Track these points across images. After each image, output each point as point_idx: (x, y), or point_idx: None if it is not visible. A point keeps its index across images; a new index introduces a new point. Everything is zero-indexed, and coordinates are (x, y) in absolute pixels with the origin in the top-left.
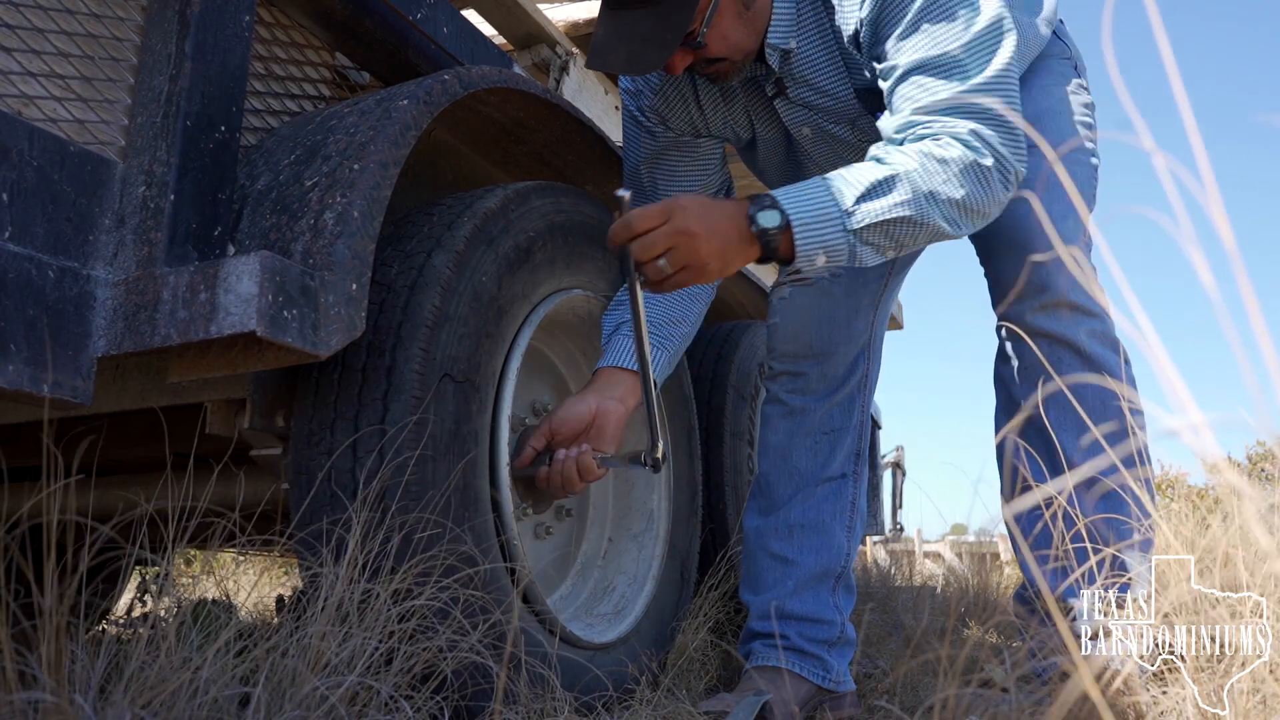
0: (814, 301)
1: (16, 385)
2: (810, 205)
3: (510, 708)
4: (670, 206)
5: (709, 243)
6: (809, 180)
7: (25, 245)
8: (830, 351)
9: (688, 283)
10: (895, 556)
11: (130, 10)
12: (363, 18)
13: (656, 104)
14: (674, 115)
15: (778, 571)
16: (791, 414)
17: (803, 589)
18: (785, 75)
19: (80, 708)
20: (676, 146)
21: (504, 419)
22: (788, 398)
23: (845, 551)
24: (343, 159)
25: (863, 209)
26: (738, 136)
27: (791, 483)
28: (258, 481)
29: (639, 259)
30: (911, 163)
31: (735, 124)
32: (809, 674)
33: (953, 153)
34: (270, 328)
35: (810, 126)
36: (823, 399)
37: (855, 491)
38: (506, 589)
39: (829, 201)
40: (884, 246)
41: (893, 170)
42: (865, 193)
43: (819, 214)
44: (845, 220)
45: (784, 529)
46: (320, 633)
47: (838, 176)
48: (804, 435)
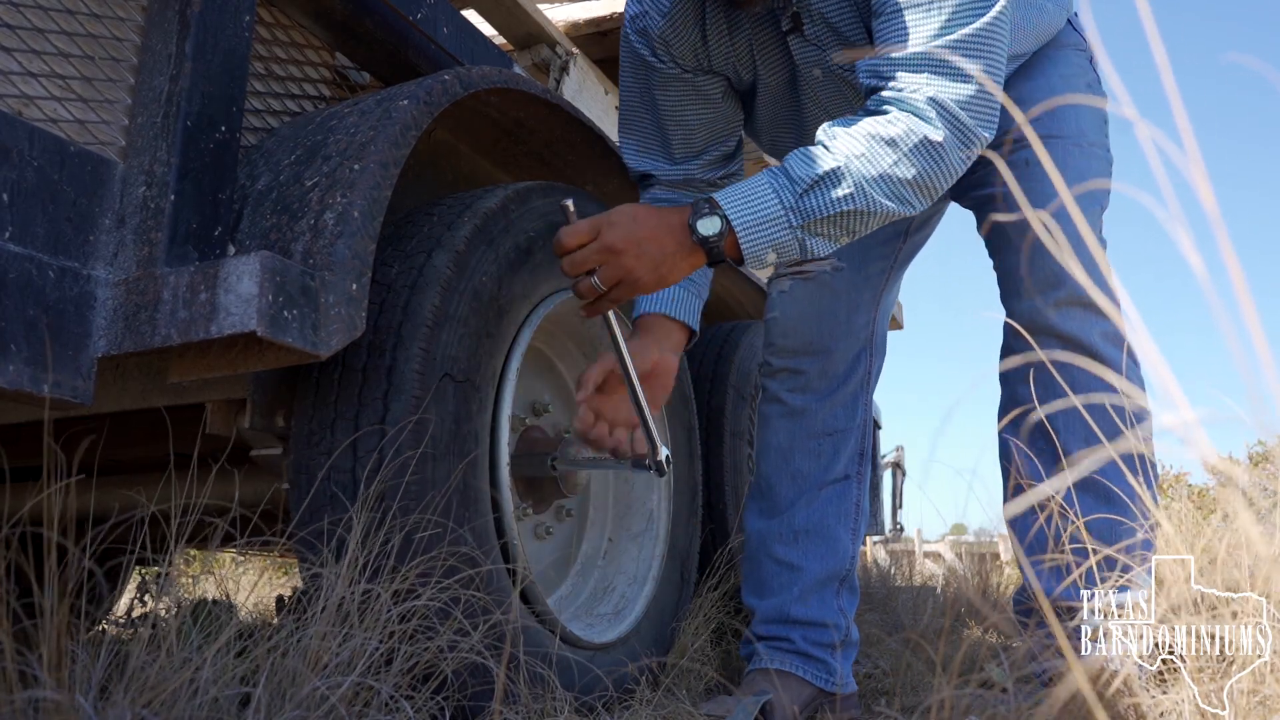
0: (814, 295)
1: (17, 385)
2: (752, 207)
3: (510, 708)
4: (599, 222)
5: (640, 258)
6: (751, 179)
7: (25, 245)
8: (830, 348)
9: (624, 298)
10: (895, 556)
11: (130, 10)
12: (363, 18)
13: (663, 28)
14: (679, 42)
15: (783, 577)
16: (792, 414)
17: (808, 594)
18: (803, 10)
19: (81, 707)
20: (679, 81)
21: (504, 419)
22: (788, 397)
23: (850, 554)
24: (343, 159)
25: (807, 205)
26: (739, 76)
27: (794, 486)
28: (257, 481)
29: (567, 274)
30: (858, 147)
31: (738, 61)
32: (812, 677)
33: (899, 129)
34: (270, 328)
35: (822, 68)
36: (824, 398)
37: (859, 492)
38: (507, 589)
39: (771, 202)
40: (836, 236)
41: (836, 162)
42: (809, 188)
43: (762, 215)
44: (789, 218)
45: (788, 534)
46: (321, 633)
47: (781, 172)
48: (806, 437)
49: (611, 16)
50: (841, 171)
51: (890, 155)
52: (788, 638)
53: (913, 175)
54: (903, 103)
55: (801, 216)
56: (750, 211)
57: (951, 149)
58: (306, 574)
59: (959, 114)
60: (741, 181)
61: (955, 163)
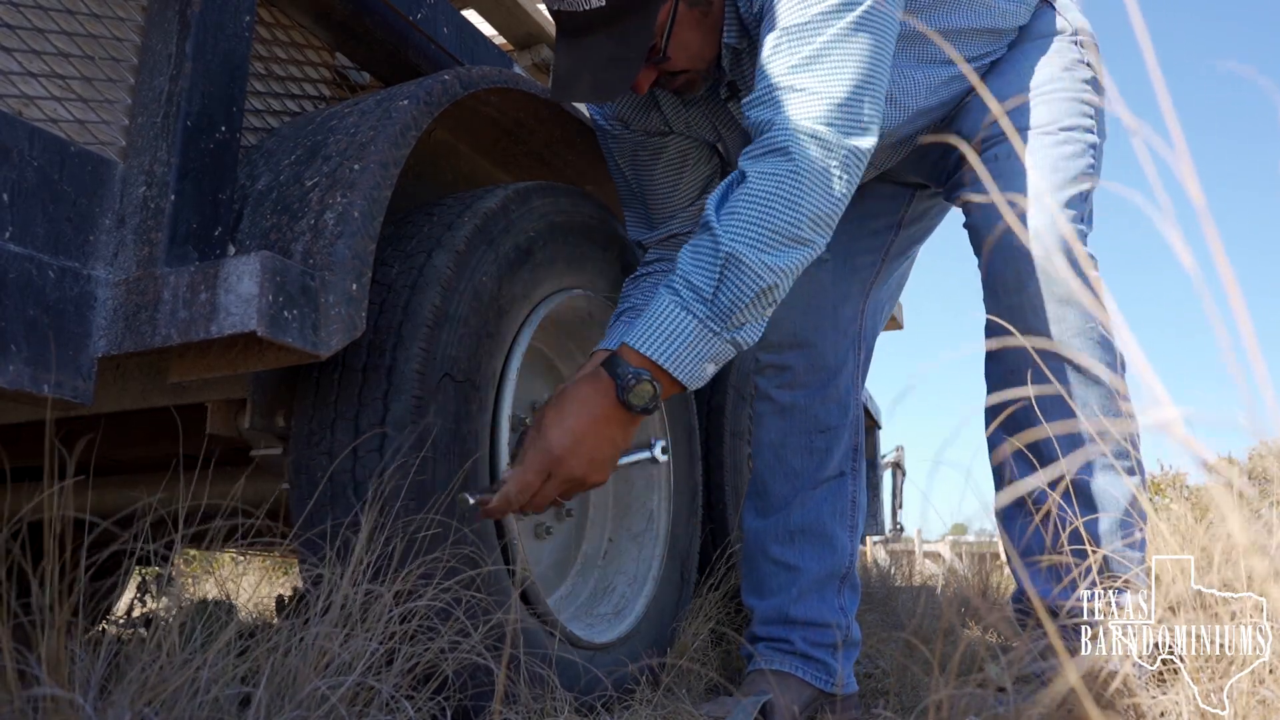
0: (799, 287)
1: (17, 385)
2: (670, 337)
3: (511, 708)
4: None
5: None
6: (651, 306)
7: (26, 245)
8: (815, 341)
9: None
10: (895, 556)
11: (130, 10)
12: (363, 18)
13: (618, 109)
14: (635, 119)
15: (781, 578)
16: (783, 412)
17: (807, 594)
18: (737, 77)
19: (81, 707)
20: (645, 147)
21: (504, 419)
22: (777, 394)
23: (848, 552)
24: (343, 159)
25: (720, 306)
26: (704, 136)
27: (788, 484)
28: (258, 481)
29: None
30: (738, 221)
31: (698, 126)
32: (812, 678)
33: (768, 180)
34: (271, 328)
35: None
36: (814, 393)
37: (855, 488)
38: (507, 590)
39: (686, 321)
40: (761, 313)
41: (727, 246)
42: (715, 289)
43: (684, 340)
44: (710, 326)
45: (784, 534)
46: (323, 633)
47: (680, 285)
48: (798, 434)
49: None
50: (737, 254)
51: (772, 209)
52: (787, 639)
53: (802, 215)
54: (764, 140)
55: (720, 319)
56: (670, 342)
57: (824, 171)
58: (307, 574)
59: (819, 130)
60: (642, 314)
61: (837, 181)
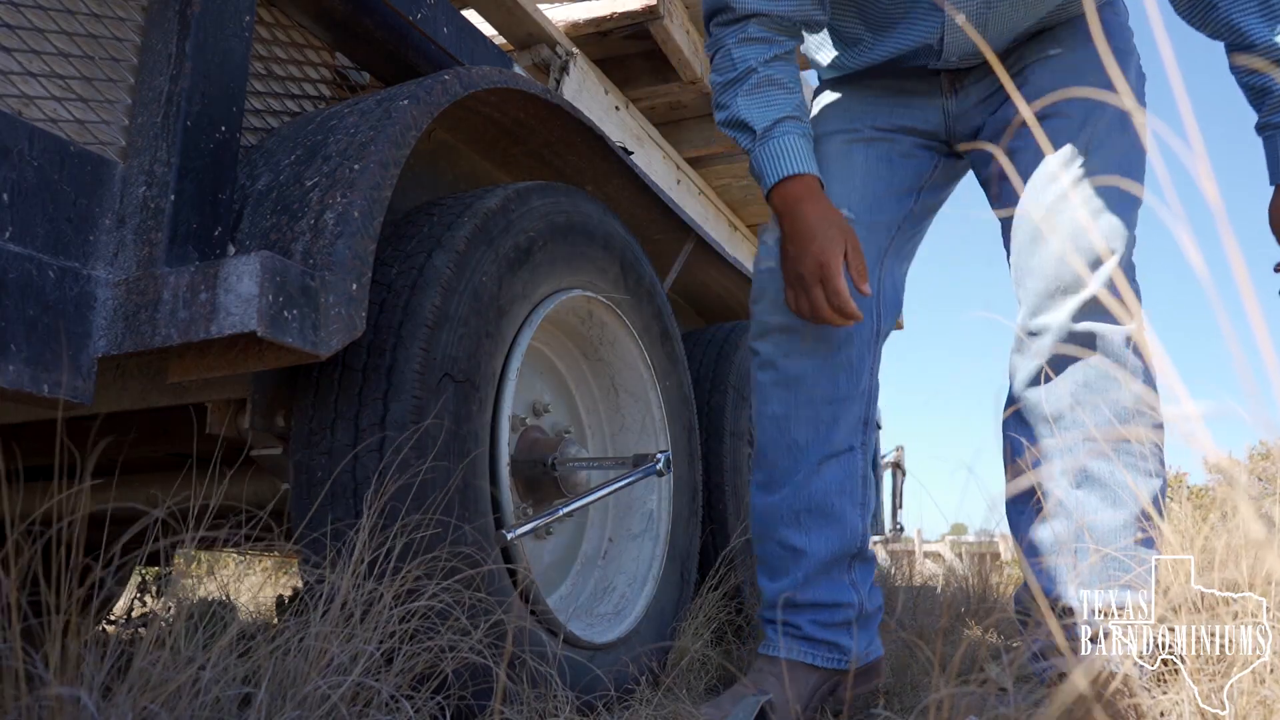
0: None
1: (17, 385)
2: None
3: (511, 707)
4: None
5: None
6: None
7: (26, 245)
8: None
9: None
10: (895, 556)
11: (130, 10)
12: (363, 18)
13: None
14: None
15: (789, 561)
16: (787, 382)
17: (815, 578)
18: None
19: (84, 706)
20: None
21: (504, 419)
22: (783, 363)
23: (859, 530)
24: (343, 159)
25: None
26: None
27: (790, 457)
28: (258, 481)
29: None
30: None
31: None
32: (822, 661)
33: None
34: (271, 328)
35: None
36: (822, 361)
37: (864, 464)
38: (507, 589)
39: None
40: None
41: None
42: None
43: None
44: None
45: (789, 514)
46: (323, 633)
47: None
48: (803, 405)
49: (611, 16)
50: None
51: None
52: (795, 623)
53: None
54: None
55: None
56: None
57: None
58: (308, 574)
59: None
60: None
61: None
